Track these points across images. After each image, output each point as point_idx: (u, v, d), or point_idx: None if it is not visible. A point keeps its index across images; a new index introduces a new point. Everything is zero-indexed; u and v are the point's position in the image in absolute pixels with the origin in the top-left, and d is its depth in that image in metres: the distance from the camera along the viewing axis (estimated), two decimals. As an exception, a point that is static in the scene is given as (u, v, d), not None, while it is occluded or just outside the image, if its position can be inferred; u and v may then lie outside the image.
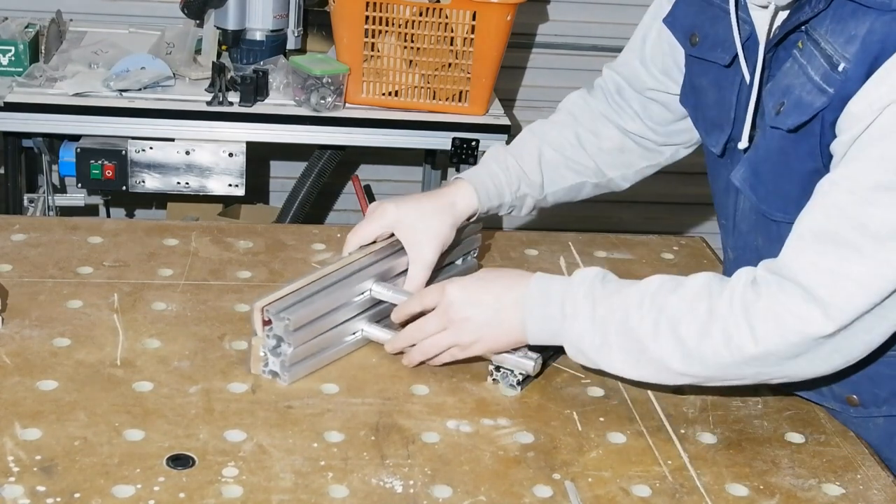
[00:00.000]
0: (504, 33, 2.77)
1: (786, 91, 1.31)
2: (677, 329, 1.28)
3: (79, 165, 2.71)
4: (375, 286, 1.48)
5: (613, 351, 1.32)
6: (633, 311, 1.31)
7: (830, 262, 1.22)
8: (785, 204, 1.35)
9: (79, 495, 1.15)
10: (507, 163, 1.63)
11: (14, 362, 1.38)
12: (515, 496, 1.22)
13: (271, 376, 1.39)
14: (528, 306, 1.36)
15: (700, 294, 1.29)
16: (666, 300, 1.30)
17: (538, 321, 1.36)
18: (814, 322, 1.23)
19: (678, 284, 1.32)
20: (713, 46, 1.45)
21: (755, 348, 1.25)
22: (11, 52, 2.81)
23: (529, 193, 1.65)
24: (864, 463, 1.33)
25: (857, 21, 1.22)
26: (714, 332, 1.27)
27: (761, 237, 1.44)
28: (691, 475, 1.28)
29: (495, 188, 1.61)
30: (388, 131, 2.85)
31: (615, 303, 1.32)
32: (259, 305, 1.36)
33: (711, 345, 1.27)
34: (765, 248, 1.42)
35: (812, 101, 1.26)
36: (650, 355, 1.30)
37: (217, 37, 2.92)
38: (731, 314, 1.26)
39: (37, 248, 1.67)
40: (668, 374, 1.32)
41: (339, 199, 3.86)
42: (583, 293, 1.34)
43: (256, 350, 1.38)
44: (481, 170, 1.63)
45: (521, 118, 3.67)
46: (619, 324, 1.31)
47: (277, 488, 1.19)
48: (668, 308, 1.30)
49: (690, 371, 1.30)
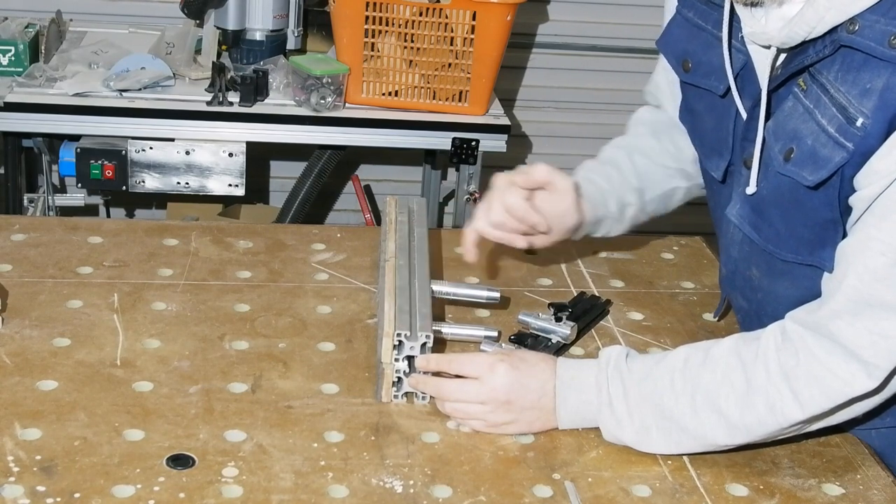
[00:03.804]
0: (504, 33, 2.77)
1: (793, 136, 1.27)
2: (716, 404, 1.27)
3: (79, 165, 2.71)
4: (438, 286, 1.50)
5: (652, 435, 1.30)
6: (666, 393, 1.29)
7: (868, 323, 1.21)
8: (797, 246, 1.33)
9: (79, 495, 1.15)
10: (607, 172, 1.60)
11: (14, 362, 1.38)
12: (515, 496, 1.22)
13: (405, 399, 1.37)
14: (562, 394, 1.34)
15: (731, 364, 1.27)
16: (697, 376, 1.28)
17: (572, 409, 1.34)
18: (857, 382, 1.22)
19: (706, 356, 1.29)
20: (707, 74, 1.42)
21: (801, 414, 1.24)
22: (11, 52, 2.82)
23: (631, 202, 1.60)
24: (864, 463, 1.33)
25: (871, 73, 1.18)
26: (756, 403, 1.25)
27: (758, 270, 1.42)
28: (691, 475, 1.28)
29: (600, 196, 1.57)
30: (388, 131, 2.85)
31: (646, 388, 1.30)
32: (389, 332, 1.34)
33: (755, 415, 1.26)
34: (761, 281, 1.41)
35: (830, 155, 1.23)
36: (692, 433, 1.29)
37: (217, 37, 2.92)
38: (770, 383, 1.25)
39: (37, 248, 1.67)
40: (713, 447, 1.31)
41: (339, 199, 3.86)
42: (613, 380, 1.32)
43: (389, 377, 1.36)
44: (585, 178, 1.57)
45: (521, 118, 3.67)
46: (655, 408, 1.29)
47: (277, 488, 1.19)
48: (701, 384, 1.28)
49: (735, 441, 1.29)
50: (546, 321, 1.51)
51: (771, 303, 1.41)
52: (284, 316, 1.55)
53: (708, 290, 1.74)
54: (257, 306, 1.57)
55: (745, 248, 1.42)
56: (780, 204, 1.33)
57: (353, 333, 1.52)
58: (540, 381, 1.33)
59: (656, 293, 1.70)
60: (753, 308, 1.46)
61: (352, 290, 1.64)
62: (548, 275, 1.74)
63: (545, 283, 1.71)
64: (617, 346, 1.36)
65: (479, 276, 1.71)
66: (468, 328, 1.50)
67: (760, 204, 1.35)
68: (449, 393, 1.34)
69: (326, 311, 1.57)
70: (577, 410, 1.33)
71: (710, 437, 1.28)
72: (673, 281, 1.74)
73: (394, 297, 1.41)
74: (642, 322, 1.63)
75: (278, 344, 1.48)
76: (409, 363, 1.36)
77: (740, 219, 1.39)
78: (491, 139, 2.87)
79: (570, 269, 1.76)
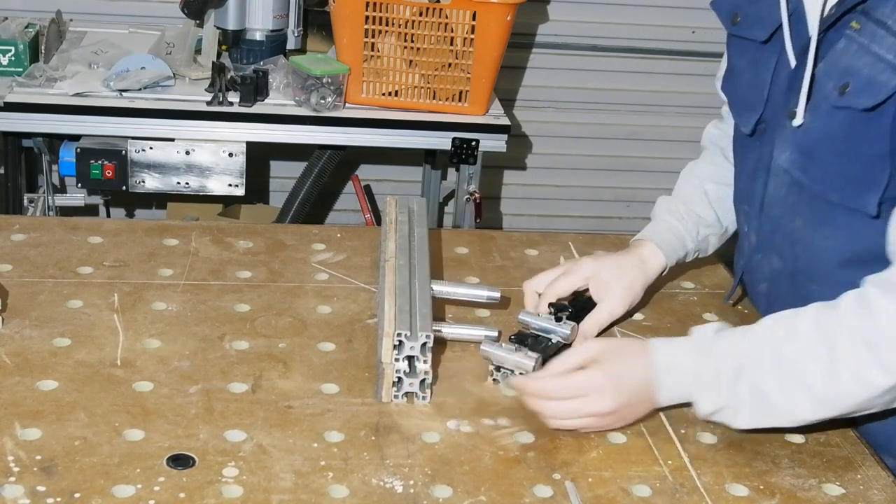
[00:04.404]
0: (504, 33, 2.77)
1: (847, 72, 1.32)
2: (802, 378, 1.27)
3: (79, 165, 2.71)
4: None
5: (743, 412, 1.31)
6: (755, 370, 1.30)
7: None
8: (845, 184, 1.36)
9: (79, 495, 1.15)
10: (680, 211, 1.65)
11: (14, 362, 1.38)
12: (515, 496, 1.22)
13: (405, 399, 1.37)
14: (660, 380, 1.35)
15: (813, 337, 1.28)
16: (781, 349, 1.29)
17: (670, 393, 1.35)
18: None
19: (789, 330, 1.30)
20: (752, 24, 1.48)
21: (886, 379, 1.24)
22: (11, 52, 2.82)
23: (710, 234, 1.67)
24: (865, 463, 1.33)
25: None
26: (841, 372, 1.25)
27: (802, 220, 1.44)
28: (691, 475, 1.28)
29: (677, 240, 1.63)
30: (388, 131, 2.85)
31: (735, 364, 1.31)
32: (390, 332, 1.34)
33: (841, 386, 1.26)
34: (803, 232, 1.43)
35: (887, 80, 1.28)
36: (780, 409, 1.30)
37: (217, 37, 2.92)
38: (853, 351, 1.25)
39: (37, 248, 1.67)
40: (799, 422, 1.31)
41: (339, 199, 3.87)
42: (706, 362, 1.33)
43: (389, 377, 1.36)
44: (658, 226, 1.64)
45: (521, 118, 3.67)
46: (745, 385, 1.30)
47: (277, 488, 1.19)
48: (787, 359, 1.28)
49: (821, 415, 1.30)
50: (546, 321, 1.51)
51: (809, 256, 1.43)
52: (284, 316, 1.55)
53: (708, 290, 1.74)
54: (257, 306, 1.57)
55: (790, 198, 1.44)
56: (831, 140, 1.36)
57: (354, 333, 1.52)
58: (638, 378, 1.35)
59: (656, 293, 1.70)
60: (788, 268, 1.48)
61: (352, 290, 1.64)
62: (548, 275, 1.74)
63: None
64: (710, 324, 1.37)
65: (479, 276, 1.71)
66: (468, 328, 1.50)
67: (811, 145, 1.39)
68: (554, 413, 1.34)
69: (326, 311, 1.57)
70: (675, 393, 1.35)
71: (797, 412, 1.29)
72: (673, 281, 1.74)
73: (394, 296, 1.41)
74: (642, 322, 1.63)
75: (278, 344, 1.48)
76: (409, 363, 1.36)
77: (790, 163, 1.42)
78: (491, 139, 2.87)
79: (571, 269, 1.76)
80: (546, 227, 3.88)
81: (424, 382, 1.36)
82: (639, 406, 1.35)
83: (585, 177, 3.94)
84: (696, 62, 3.77)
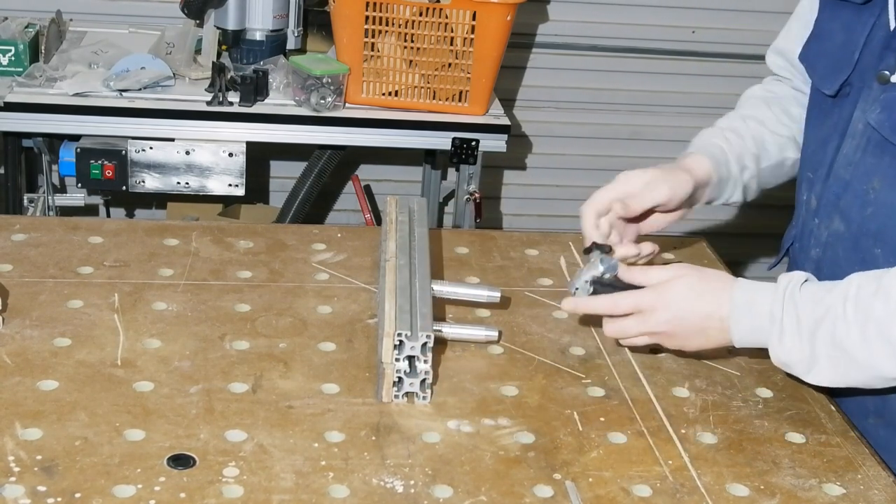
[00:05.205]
0: (504, 33, 2.77)
1: None
2: (887, 334, 1.27)
3: (79, 165, 2.71)
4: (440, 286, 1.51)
5: (821, 364, 1.32)
6: (838, 322, 1.30)
7: None
8: None
9: (79, 495, 1.15)
10: (726, 135, 1.67)
11: (14, 362, 1.38)
12: (516, 496, 1.22)
13: (406, 399, 1.37)
14: (736, 317, 1.36)
15: None
16: (870, 305, 1.29)
17: (745, 332, 1.36)
18: None
19: (878, 286, 1.30)
20: None
21: None
22: (11, 52, 2.82)
23: (748, 166, 1.67)
24: (865, 463, 1.33)
25: None
26: None
27: (880, 180, 1.43)
28: (692, 475, 1.28)
29: (723, 156, 1.64)
30: (388, 131, 2.85)
31: (818, 315, 1.31)
32: (390, 332, 1.34)
33: None
34: (878, 194, 1.43)
35: None
36: (861, 364, 1.30)
37: (217, 37, 2.93)
38: None
39: (37, 248, 1.67)
40: (880, 381, 1.32)
41: (339, 199, 3.86)
42: (788, 308, 1.33)
43: (390, 377, 1.36)
44: (705, 142, 1.66)
45: (521, 118, 3.67)
46: (826, 336, 1.30)
47: (278, 488, 1.19)
48: (873, 314, 1.28)
49: None
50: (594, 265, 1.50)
51: (882, 217, 1.43)
52: (285, 316, 1.55)
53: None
54: (258, 306, 1.57)
55: (868, 159, 1.45)
56: None
57: (354, 333, 1.52)
58: (710, 308, 1.37)
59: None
60: (853, 230, 1.47)
61: (352, 290, 1.64)
62: (548, 275, 1.74)
63: (545, 283, 1.71)
64: (797, 273, 1.37)
65: (480, 275, 1.71)
66: (469, 328, 1.50)
67: None
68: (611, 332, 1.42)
69: (327, 311, 1.57)
70: (751, 334, 1.36)
71: (879, 368, 1.29)
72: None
73: (394, 296, 1.41)
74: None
75: (279, 344, 1.48)
76: (409, 363, 1.36)
77: (879, 122, 1.42)
78: (491, 139, 2.87)
79: (571, 269, 1.76)
80: (546, 227, 3.88)
81: (425, 382, 1.36)
82: (704, 336, 1.38)
83: (585, 177, 3.93)
84: (696, 62, 3.77)
